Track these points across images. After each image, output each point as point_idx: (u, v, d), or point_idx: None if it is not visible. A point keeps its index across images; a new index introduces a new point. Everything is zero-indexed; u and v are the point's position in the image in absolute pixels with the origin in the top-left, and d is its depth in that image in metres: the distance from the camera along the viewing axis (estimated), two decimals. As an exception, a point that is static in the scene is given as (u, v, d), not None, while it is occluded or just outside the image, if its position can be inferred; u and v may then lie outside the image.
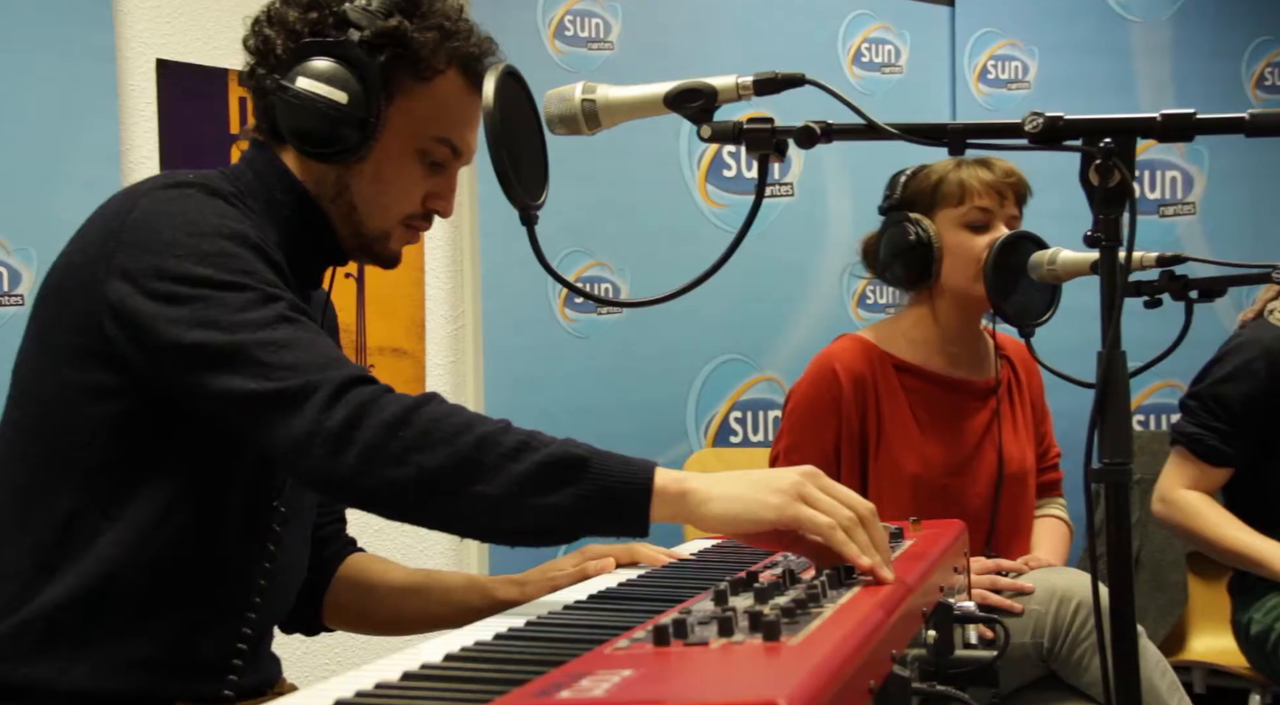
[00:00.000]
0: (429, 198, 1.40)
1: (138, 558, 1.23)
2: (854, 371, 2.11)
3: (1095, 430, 1.08)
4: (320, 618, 1.57)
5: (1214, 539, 2.32)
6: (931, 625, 1.14)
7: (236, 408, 1.16)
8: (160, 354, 1.18)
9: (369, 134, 1.31)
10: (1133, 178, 1.06)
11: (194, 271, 1.18)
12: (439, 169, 1.40)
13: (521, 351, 2.69)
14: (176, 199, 1.24)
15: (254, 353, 1.15)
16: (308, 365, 1.15)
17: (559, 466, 1.11)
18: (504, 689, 0.72)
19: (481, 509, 1.11)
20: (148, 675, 1.23)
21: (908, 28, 3.19)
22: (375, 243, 1.40)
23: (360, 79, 1.30)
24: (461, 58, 1.36)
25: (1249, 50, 3.28)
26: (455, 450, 1.10)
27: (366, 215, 1.38)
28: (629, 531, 1.13)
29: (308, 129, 1.30)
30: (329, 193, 1.37)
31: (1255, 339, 2.33)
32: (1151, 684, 1.87)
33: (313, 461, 1.12)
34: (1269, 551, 2.25)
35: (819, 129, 1.13)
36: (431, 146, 1.37)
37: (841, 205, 3.07)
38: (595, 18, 2.79)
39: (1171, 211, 3.25)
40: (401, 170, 1.37)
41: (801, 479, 1.12)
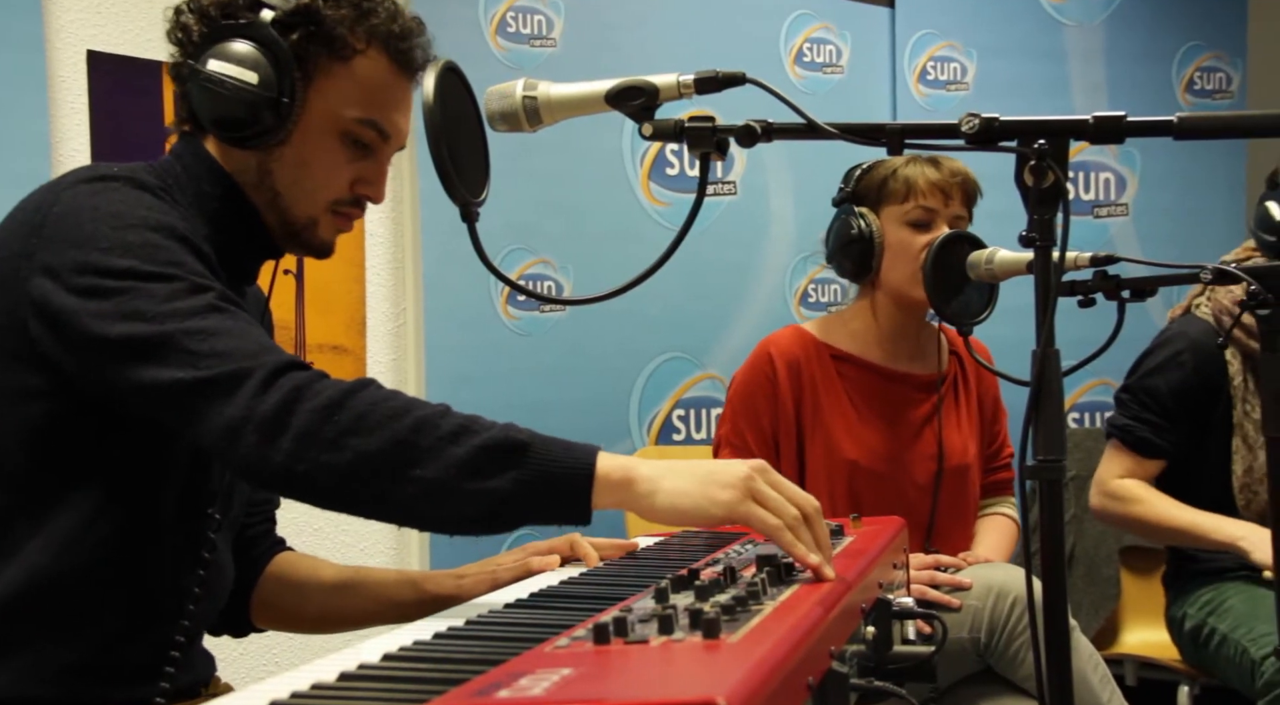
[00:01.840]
0: (357, 183, 1.37)
1: (66, 564, 1.20)
2: (789, 358, 2.14)
3: (1029, 427, 1.09)
4: (249, 618, 1.54)
5: (1154, 520, 2.35)
6: (871, 621, 1.15)
7: (166, 399, 1.12)
8: (86, 350, 1.15)
9: (285, 115, 1.29)
10: (1066, 179, 1.08)
11: (118, 264, 1.15)
12: (366, 153, 1.36)
13: (463, 349, 2.68)
14: (100, 191, 1.21)
15: (182, 342, 1.12)
16: (238, 352, 1.12)
17: (499, 450, 1.08)
18: (442, 689, 0.72)
19: (418, 494, 1.08)
20: (76, 681, 1.21)
21: (849, 28, 3.21)
22: (303, 230, 1.36)
23: (272, 59, 1.27)
24: (383, 36, 1.33)
25: (1179, 55, 3.35)
26: (392, 434, 1.08)
27: (290, 201, 1.34)
28: (571, 519, 1.11)
29: (221, 113, 1.28)
30: (252, 180, 1.34)
31: (1182, 332, 2.38)
32: (1084, 677, 1.90)
33: (245, 449, 1.09)
34: (1210, 523, 2.28)
35: (760, 128, 1.14)
36: (355, 128, 1.34)
37: (784, 204, 3.09)
38: (538, 14, 2.78)
39: (1105, 212, 3.31)
40: (324, 153, 1.33)
41: (751, 474, 1.12)
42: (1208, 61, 3.35)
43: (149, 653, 1.26)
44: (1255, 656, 2.13)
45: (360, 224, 2.70)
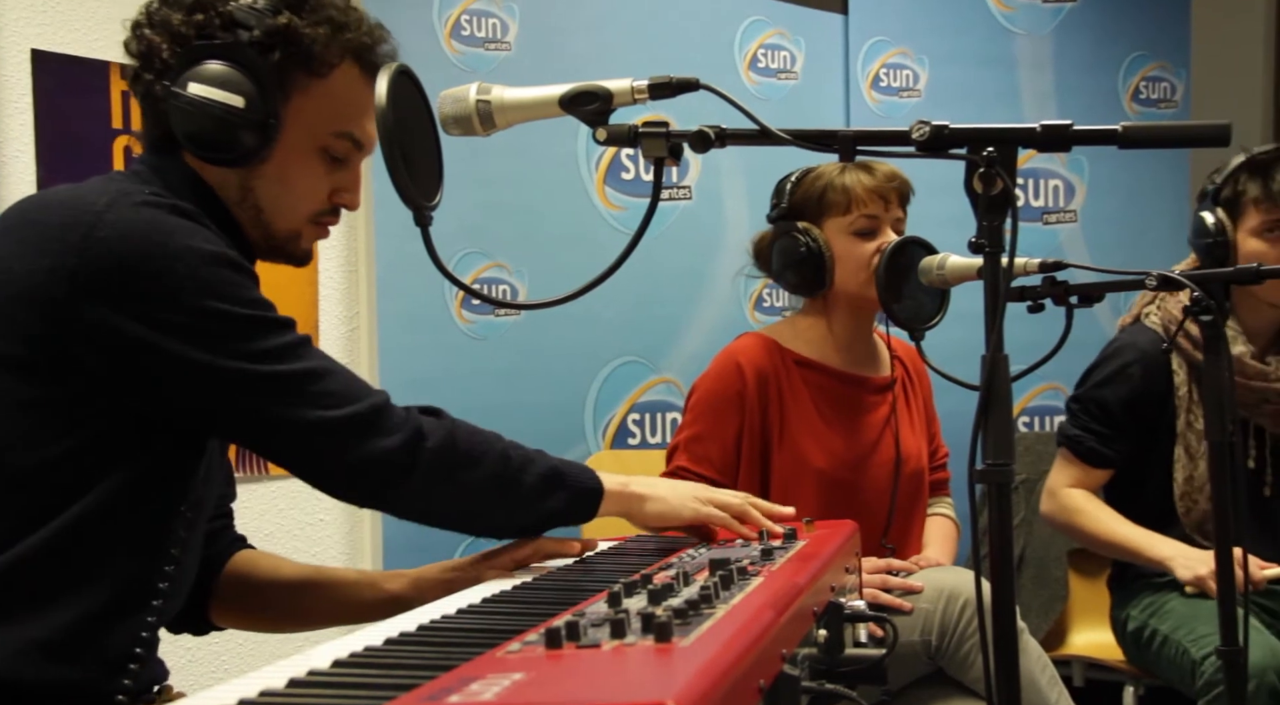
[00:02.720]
0: (335, 193, 1.39)
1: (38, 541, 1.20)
2: (757, 366, 2.14)
3: (979, 431, 1.11)
4: (208, 616, 1.53)
5: (1094, 533, 2.40)
6: (822, 624, 1.16)
7: (287, 438, 1.24)
8: (181, 386, 1.21)
9: (270, 136, 1.30)
10: (1014, 186, 1.10)
11: (209, 305, 1.20)
12: (342, 163, 1.38)
13: (417, 353, 2.66)
14: (154, 221, 1.22)
15: (297, 384, 1.23)
16: (349, 392, 1.26)
17: (553, 476, 1.37)
18: (392, 694, 0.72)
19: (506, 514, 1.37)
20: (44, 660, 1.19)
21: (802, 35, 3.23)
22: (287, 243, 1.39)
23: (255, 81, 1.28)
24: (355, 49, 1.35)
25: (1125, 64, 3.40)
26: (490, 467, 1.32)
27: (274, 217, 1.36)
28: (586, 522, 1.45)
29: (205, 135, 1.28)
30: (233, 197, 1.35)
31: (1131, 343, 2.42)
32: (1032, 678, 1.93)
33: (377, 485, 1.28)
34: (1144, 541, 2.34)
35: (713, 133, 1.14)
36: (333, 142, 1.36)
37: (738, 208, 3.10)
38: (492, 18, 2.77)
39: (1054, 219, 3.36)
40: (305, 169, 1.35)
41: (702, 489, 1.52)
42: (1153, 71, 3.40)
43: (117, 642, 1.25)
44: (1195, 657, 2.17)
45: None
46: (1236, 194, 2.32)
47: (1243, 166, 2.32)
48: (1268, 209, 2.28)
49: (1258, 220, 2.30)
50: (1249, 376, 2.32)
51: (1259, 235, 2.30)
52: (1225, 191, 2.33)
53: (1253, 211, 2.30)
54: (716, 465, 2.13)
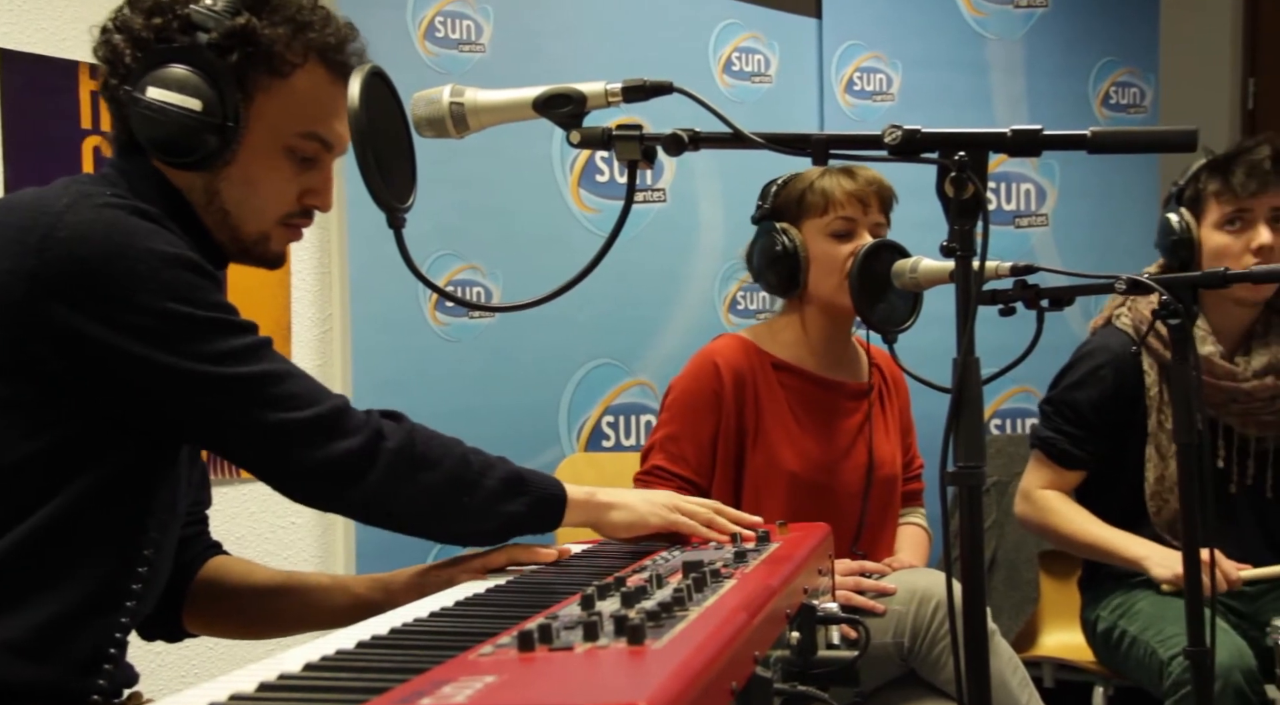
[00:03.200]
0: (305, 194, 1.38)
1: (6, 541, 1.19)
2: (735, 367, 2.15)
3: (950, 434, 1.11)
4: (181, 623, 1.52)
5: (1068, 534, 2.42)
6: (795, 626, 1.16)
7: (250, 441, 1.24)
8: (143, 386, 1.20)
9: (230, 138, 1.29)
10: (985, 190, 1.10)
11: (170, 307, 1.19)
12: (311, 164, 1.38)
13: (391, 355, 2.65)
14: (115, 223, 1.21)
15: (258, 387, 1.22)
16: (309, 395, 1.26)
17: (515, 481, 1.37)
18: (364, 697, 0.72)
19: (466, 518, 1.34)
20: (15, 660, 1.18)
21: (776, 38, 3.24)
22: (255, 246, 1.38)
23: (213, 83, 1.28)
24: (320, 48, 1.34)
25: (1095, 70, 3.43)
26: (449, 469, 1.32)
27: (241, 220, 1.35)
28: (550, 530, 1.44)
29: (165, 139, 1.28)
30: (200, 200, 1.34)
31: (1104, 346, 2.44)
32: (1003, 679, 1.94)
33: (337, 487, 1.27)
34: (1118, 541, 2.35)
35: (687, 137, 1.14)
36: (299, 143, 1.35)
37: (713, 211, 3.10)
38: (466, 20, 2.77)
39: (1026, 223, 3.38)
40: (271, 171, 1.35)
41: (670, 497, 1.53)
42: (1122, 77, 3.44)
43: (89, 643, 1.24)
44: (1164, 657, 2.19)
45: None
46: (1198, 192, 2.37)
47: (1204, 167, 2.38)
48: (1227, 200, 2.33)
49: (1219, 214, 2.34)
50: (1218, 376, 2.34)
51: (1220, 228, 2.34)
52: (1188, 191, 2.39)
53: (1214, 205, 2.35)
54: (692, 465, 2.13)
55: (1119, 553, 2.35)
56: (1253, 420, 2.38)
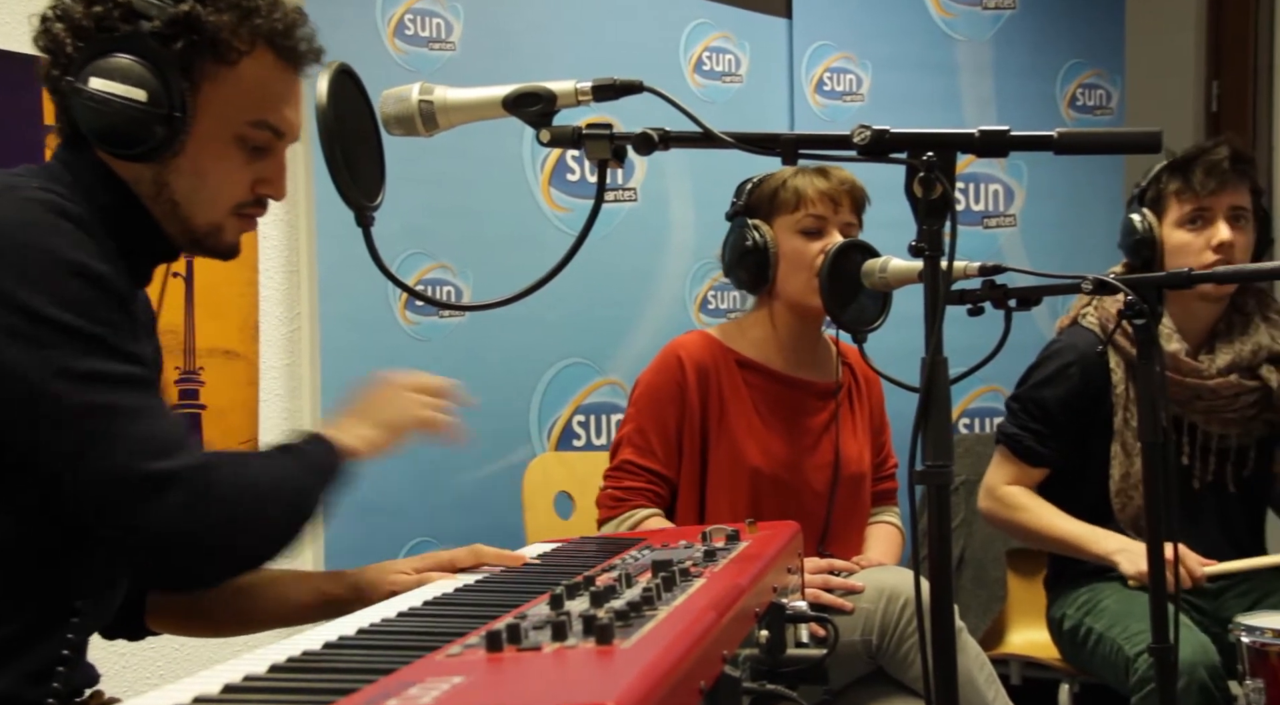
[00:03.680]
0: (258, 183, 1.35)
1: None
2: (698, 362, 2.16)
3: (919, 433, 1.12)
4: (143, 622, 1.50)
5: (1036, 529, 2.43)
6: (764, 625, 1.16)
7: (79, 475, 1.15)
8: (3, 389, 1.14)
9: (178, 128, 1.26)
10: (953, 190, 1.11)
11: (57, 316, 1.14)
12: (263, 153, 1.35)
13: (360, 354, 2.64)
14: (28, 216, 1.18)
15: (106, 417, 1.15)
16: (152, 444, 1.16)
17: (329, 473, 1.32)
18: (329, 699, 0.71)
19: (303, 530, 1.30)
20: None
21: (747, 38, 3.25)
22: (208, 237, 1.35)
23: (158, 72, 1.24)
24: (267, 34, 1.31)
25: (1062, 72, 3.46)
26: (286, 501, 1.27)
27: (191, 211, 1.32)
28: None
29: (110, 130, 1.25)
30: (149, 191, 1.31)
31: (1071, 344, 2.46)
32: (970, 677, 1.95)
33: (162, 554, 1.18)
34: (1088, 536, 2.37)
35: (657, 136, 1.14)
36: (250, 132, 1.32)
37: (684, 211, 3.11)
38: (436, 17, 2.76)
39: (994, 223, 3.40)
40: (221, 160, 1.32)
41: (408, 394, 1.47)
42: (1089, 78, 3.46)
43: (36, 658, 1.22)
44: (1129, 654, 2.21)
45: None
46: (1159, 192, 2.41)
47: (1165, 167, 2.42)
48: (1188, 199, 2.36)
49: (1179, 212, 2.38)
50: (1183, 373, 2.37)
51: (1181, 226, 2.37)
52: (1149, 192, 2.43)
53: (1174, 204, 2.38)
54: (660, 457, 2.15)
55: (1088, 548, 2.36)
56: (1216, 417, 2.41)
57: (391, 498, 2.60)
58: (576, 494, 2.59)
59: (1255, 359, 2.40)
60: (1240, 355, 2.40)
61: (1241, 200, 2.38)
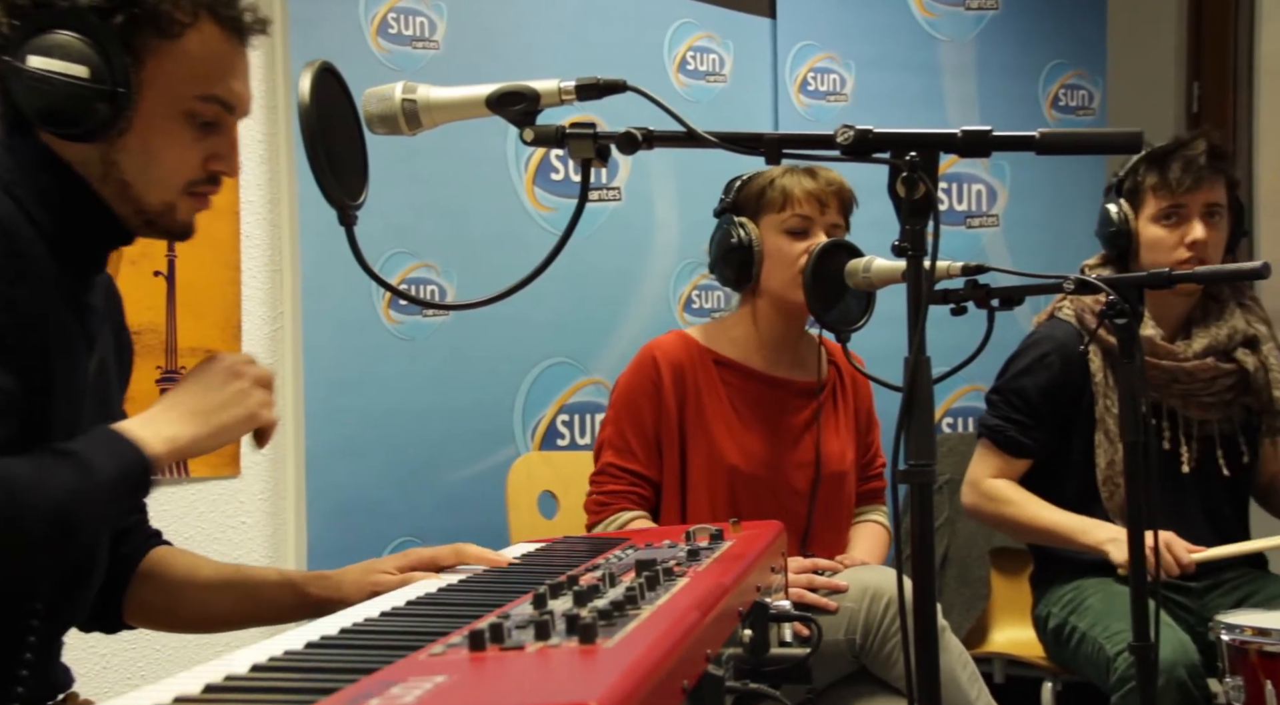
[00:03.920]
0: (210, 160, 1.31)
1: None
2: (673, 361, 2.17)
3: (902, 433, 1.12)
4: (120, 616, 1.49)
5: (1025, 521, 2.43)
6: (748, 624, 1.17)
7: None
8: None
9: (122, 106, 1.22)
10: (936, 190, 1.11)
11: None
12: (213, 128, 1.31)
13: (343, 353, 2.63)
14: None
15: None
16: None
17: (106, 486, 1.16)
18: (311, 699, 0.71)
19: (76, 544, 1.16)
20: None
21: (731, 38, 3.25)
22: (161, 217, 1.31)
23: (99, 48, 1.21)
24: (209, 5, 1.28)
25: (1044, 72, 3.47)
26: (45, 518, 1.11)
27: (142, 190, 1.28)
28: None
29: (52, 110, 1.21)
30: (96, 172, 1.27)
31: (1049, 335, 2.48)
32: (953, 675, 1.96)
33: None
34: (1078, 526, 2.37)
35: (640, 135, 1.15)
36: (198, 107, 1.28)
37: (668, 210, 3.11)
38: (420, 16, 2.75)
39: (977, 223, 3.41)
40: (170, 138, 1.28)
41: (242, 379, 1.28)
42: (1071, 79, 3.48)
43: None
44: (1110, 653, 2.22)
45: (236, 226, 2.64)
46: (1137, 184, 2.42)
47: (1142, 159, 2.43)
48: (1164, 195, 2.38)
49: (1156, 207, 2.40)
50: (1160, 356, 2.39)
51: (1157, 221, 2.39)
52: (1127, 183, 2.44)
53: (1151, 199, 2.40)
54: (640, 459, 2.16)
55: (1078, 539, 2.36)
56: (1195, 402, 2.42)
57: (374, 497, 2.60)
58: (560, 493, 2.59)
59: (1231, 343, 2.42)
60: (1217, 339, 2.41)
61: (1217, 196, 2.40)
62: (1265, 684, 1.92)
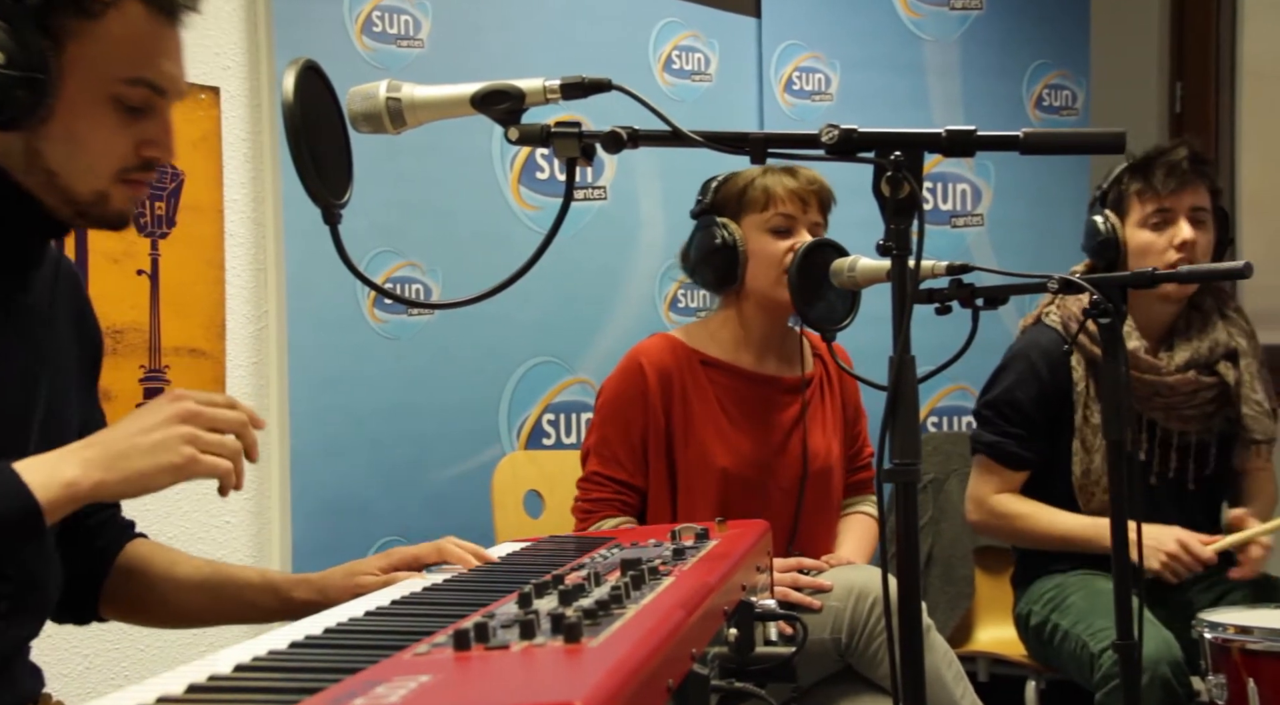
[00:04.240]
0: (142, 145, 1.26)
1: None
2: (660, 366, 2.16)
3: (886, 432, 1.12)
4: (96, 609, 1.47)
5: (1042, 533, 2.43)
6: (733, 623, 1.17)
7: None
8: None
9: (42, 92, 1.17)
10: (920, 189, 1.12)
11: None
12: (144, 112, 1.26)
13: (328, 352, 2.62)
14: None
15: None
16: None
17: None
18: (295, 698, 0.71)
19: None
20: None
21: (716, 37, 3.25)
22: (93, 207, 1.26)
23: (13, 32, 1.15)
24: None
25: (1028, 72, 3.48)
26: None
27: (71, 181, 1.24)
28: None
29: None
30: (19, 164, 1.23)
31: (1034, 342, 2.48)
32: (938, 674, 1.96)
33: None
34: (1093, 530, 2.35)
35: (625, 134, 1.14)
36: (124, 91, 1.23)
37: (653, 209, 3.11)
38: (405, 14, 2.74)
39: (962, 223, 3.42)
40: (97, 124, 1.23)
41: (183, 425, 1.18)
42: (1055, 79, 3.49)
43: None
44: (1094, 650, 2.23)
45: (220, 224, 2.63)
46: (1121, 193, 2.44)
47: (1125, 169, 2.44)
48: (1149, 199, 2.39)
49: (1141, 212, 2.41)
50: (1142, 370, 2.39)
51: (1144, 226, 2.40)
52: (1111, 193, 2.45)
53: (1136, 205, 2.41)
54: (626, 467, 2.15)
55: (1099, 542, 2.34)
56: (1175, 415, 2.43)
57: (359, 496, 2.59)
58: (546, 493, 2.58)
59: (1213, 356, 2.43)
60: (1198, 352, 2.42)
61: (1202, 200, 2.41)
62: (1248, 681, 1.93)
